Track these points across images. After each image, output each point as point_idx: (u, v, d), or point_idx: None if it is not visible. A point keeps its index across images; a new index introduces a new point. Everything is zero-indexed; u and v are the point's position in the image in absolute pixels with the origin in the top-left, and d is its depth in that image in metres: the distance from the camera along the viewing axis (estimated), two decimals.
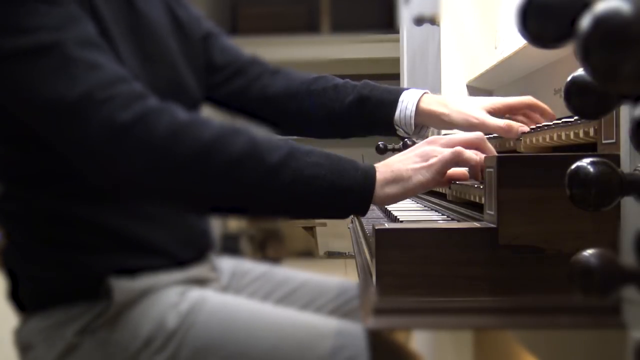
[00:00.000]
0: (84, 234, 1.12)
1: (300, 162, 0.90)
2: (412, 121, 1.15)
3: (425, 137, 1.17)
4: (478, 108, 1.10)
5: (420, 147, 0.93)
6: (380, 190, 0.89)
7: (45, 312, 1.13)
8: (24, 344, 1.16)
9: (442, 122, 1.14)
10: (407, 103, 1.16)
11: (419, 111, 1.15)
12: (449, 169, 0.90)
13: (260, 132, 0.96)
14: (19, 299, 1.17)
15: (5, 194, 1.16)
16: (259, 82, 1.31)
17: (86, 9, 1.05)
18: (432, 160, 0.89)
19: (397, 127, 1.18)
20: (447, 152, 0.89)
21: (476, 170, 0.87)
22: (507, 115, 1.13)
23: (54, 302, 1.12)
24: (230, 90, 1.33)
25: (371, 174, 0.90)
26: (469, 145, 0.91)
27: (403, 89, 1.19)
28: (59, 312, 1.12)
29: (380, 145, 1.62)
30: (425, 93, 1.17)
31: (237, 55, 1.34)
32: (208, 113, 1.33)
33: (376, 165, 0.92)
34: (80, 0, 1.04)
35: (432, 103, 1.15)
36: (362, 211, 0.92)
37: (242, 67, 1.32)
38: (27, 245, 1.14)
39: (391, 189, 0.89)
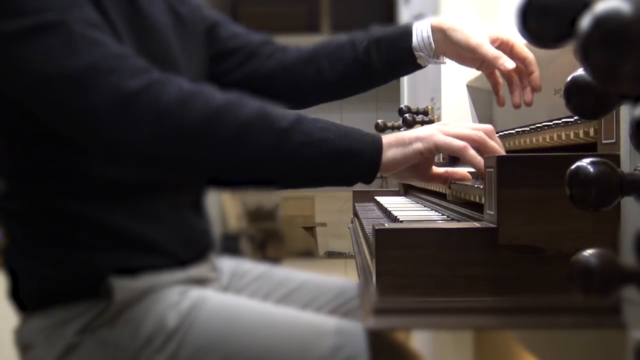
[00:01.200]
0: (86, 233, 1.12)
1: (308, 126, 0.91)
2: (431, 40, 1.16)
3: (441, 62, 1.19)
4: (481, 33, 1.11)
5: (433, 125, 0.95)
6: (384, 154, 0.92)
7: (46, 311, 1.13)
8: (24, 343, 1.16)
9: (448, 39, 1.14)
10: (421, 27, 1.17)
11: (433, 28, 1.15)
12: (449, 153, 0.93)
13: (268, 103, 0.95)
14: (19, 298, 1.17)
15: (7, 192, 1.15)
16: (273, 59, 1.31)
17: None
18: (437, 135, 0.90)
19: (417, 54, 1.18)
20: (456, 142, 0.90)
21: (480, 168, 0.88)
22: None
23: (55, 301, 1.12)
24: (244, 73, 1.32)
25: (378, 139, 0.92)
26: (477, 140, 0.92)
27: (413, 22, 1.20)
28: (60, 311, 1.12)
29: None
30: (434, 18, 1.19)
31: (248, 39, 1.34)
32: None
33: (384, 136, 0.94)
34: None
35: (442, 20, 1.16)
36: (369, 177, 0.93)
37: (255, 49, 1.32)
38: (28, 244, 1.14)
39: (393, 152, 0.92)
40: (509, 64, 1.05)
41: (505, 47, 1.11)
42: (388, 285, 0.68)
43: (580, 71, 0.53)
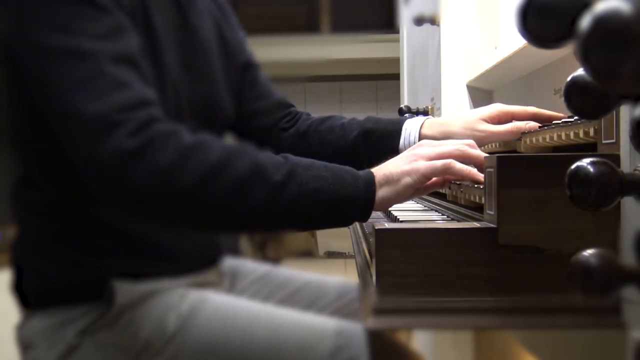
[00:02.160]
0: (98, 236, 1.13)
1: (303, 176, 0.91)
2: None
3: None
4: (479, 121, 1.13)
5: (412, 150, 0.95)
6: (376, 194, 0.92)
7: (48, 310, 1.13)
8: (25, 342, 1.16)
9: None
10: (410, 131, 1.20)
11: (421, 137, 1.18)
12: (437, 176, 0.93)
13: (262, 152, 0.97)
14: (23, 293, 1.17)
15: (28, 181, 1.16)
16: (277, 128, 1.36)
17: (139, 17, 1.07)
18: (420, 164, 0.90)
19: None
20: (439, 164, 0.91)
21: (470, 179, 0.89)
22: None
23: (58, 301, 1.13)
24: (252, 126, 1.37)
25: (371, 181, 0.92)
26: (458, 155, 0.92)
27: (406, 119, 1.23)
28: (61, 312, 1.12)
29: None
30: (427, 119, 1.21)
31: (269, 93, 1.39)
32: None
33: (372, 170, 0.94)
34: (134, 9, 1.06)
35: (434, 127, 1.18)
36: (364, 218, 0.93)
37: (270, 107, 1.36)
38: (39, 239, 1.15)
39: (384, 192, 0.92)
40: (529, 126, 1.08)
41: (505, 117, 1.13)
42: (388, 285, 0.68)
43: (580, 71, 0.53)
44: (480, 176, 0.87)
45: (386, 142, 1.21)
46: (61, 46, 0.97)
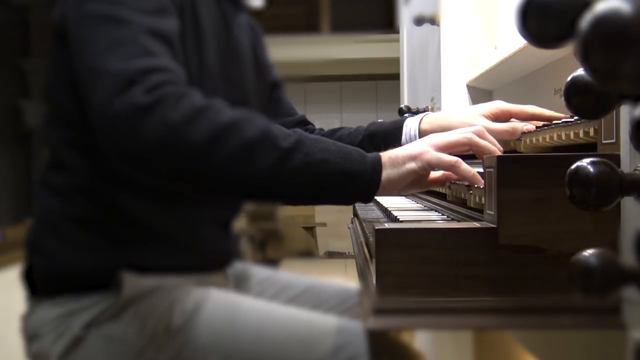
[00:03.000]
0: (119, 224, 1.15)
1: (311, 147, 0.93)
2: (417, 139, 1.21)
3: None
4: (478, 116, 1.13)
5: (422, 140, 0.97)
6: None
7: (56, 298, 1.14)
8: (30, 332, 1.17)
9: None
10: (410, 126, 1.23)
11: (421, 132, 1.19)
12: (442, 169, 0.95)
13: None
14: (32, 281, 1.18)
15: (55, 164, 1.18)
16: None
17: (188, 13, 1.12)
18: (428, 153, 0.92)
19: None
20: (447, 158, 0.92)
21: (472, 181, 0.90)
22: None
23: (67, 288, 1.14)
24: None
25: (377, 160, 0.94)
26: (465, 142, 0.94)
27: (407, 117, 1.26)
28: (70, 301, 1.13)
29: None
30: (426, 114, 1.23)
31: (291, 112, 1.44)
32: None
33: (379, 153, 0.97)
34: (183, 2, 1.12)
35: (433, 122, 1.20)
36: (368, 197, 0.96)
37: (291, 124, 1.38)
38: (60, 222, 1.16)
39: (388, 173, 0.94)
40: (527, 127, 1.08)
41: (504, 115, 1.14)
42: (388, 285, 0.68)
43: (580, 71, 0.53)
44: (481, 181, 0.87)
45: (389, 140, 1.23)
46: (105, 13, 1.03)
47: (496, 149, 0.95)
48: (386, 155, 0.95)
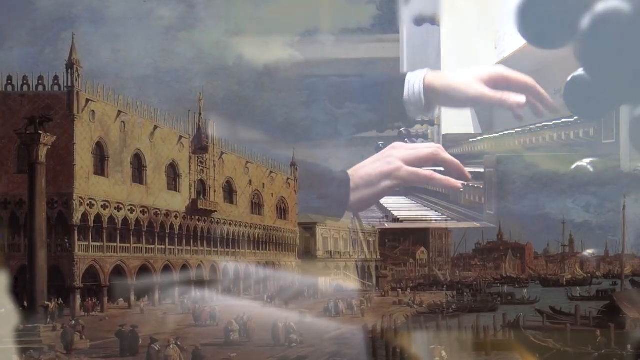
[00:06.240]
0: None
1: None
2: (422, 96, 1.20)
3: (434, 115, 1.23)
4: (476, 81, 1.14)
5: (388, 150, 0.96)
6: (351, 195, 0.93)
7: None
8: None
9: (445, 97, 1.18)
10: (414, 82, 1.21)
11: (426, 87, 1.19)
12: (418, 185, 0.94)
13: None
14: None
15: None
16: None
17: None
18: (402, 170, 0.92)
19: (407, 107, 1.22)
20: (422, 172, 0.91)
21: (450, 187, 0.90)
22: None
23: None
24: None
25: (345, 181, 0.92)
26: (433, 159, 0.94)
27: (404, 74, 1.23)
28: None
29: (380, 145, 1.65)
30: (428, 71, 1.22)
31: None
32: None
33: (348, 171, 0.95)
34: None
35: (435, 80, 1.19)
36: (337, 216, 0.94)
37: None
38: None
39: (361, 194, 0.93)
40: (517, 100, 1.07)
41: (502, 81, 1.13)
42: (388, 285, 0.68)
43: (580, 71, 0.52)
44: (458, 183, 0.87)
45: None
46: None
47: (457, 162, 0.95)
48: (358, 175, 0.94)
